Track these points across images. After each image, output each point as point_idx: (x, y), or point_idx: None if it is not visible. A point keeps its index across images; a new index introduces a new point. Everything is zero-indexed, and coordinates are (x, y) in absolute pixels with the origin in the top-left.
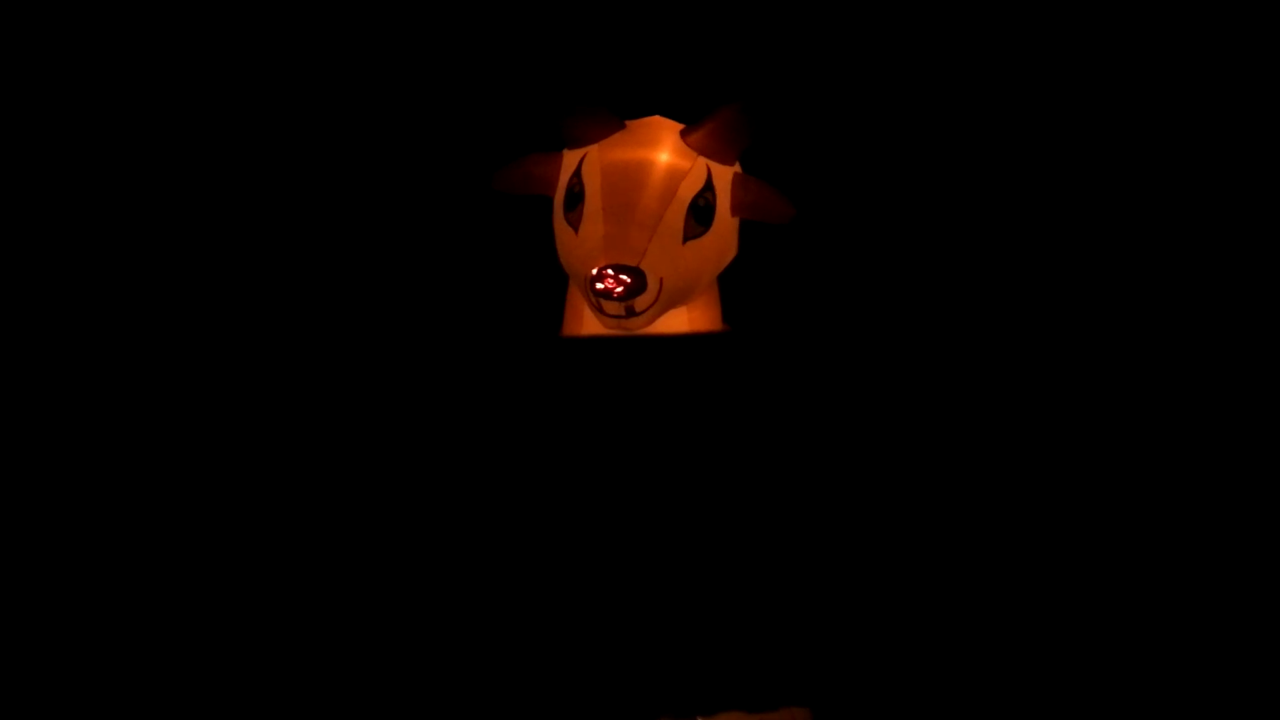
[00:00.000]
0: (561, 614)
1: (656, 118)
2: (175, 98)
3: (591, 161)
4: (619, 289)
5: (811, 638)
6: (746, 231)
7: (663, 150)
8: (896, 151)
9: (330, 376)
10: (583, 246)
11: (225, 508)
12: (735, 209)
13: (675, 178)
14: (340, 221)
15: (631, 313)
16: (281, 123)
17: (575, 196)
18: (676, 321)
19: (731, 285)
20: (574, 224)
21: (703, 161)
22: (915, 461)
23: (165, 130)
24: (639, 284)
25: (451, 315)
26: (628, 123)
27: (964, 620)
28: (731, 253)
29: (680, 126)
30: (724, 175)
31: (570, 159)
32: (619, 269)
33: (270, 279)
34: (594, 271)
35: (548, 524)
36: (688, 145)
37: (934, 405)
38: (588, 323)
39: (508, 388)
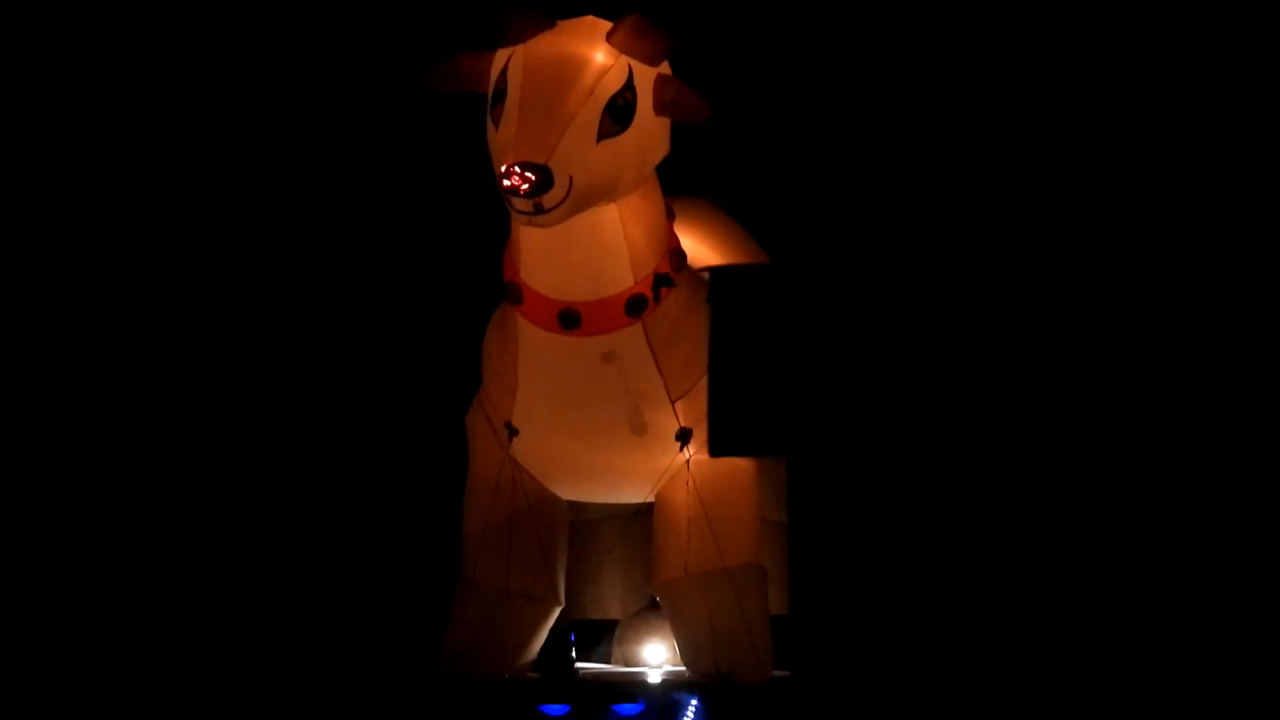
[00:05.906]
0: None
1: (588, 18)
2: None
3: (517, 59)
4: (524, 186)
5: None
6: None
7: (586, 49)
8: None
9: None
10: (499, 144)
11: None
12: (657, 108)
13: (595, 76)
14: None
15: (540, 210)
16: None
17: (499, 94)
18: (605, 219)
19: None
20: (496, 121)
21: (624, 60)
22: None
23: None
24: (545, 181)
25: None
26: (559, 22)
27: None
28: (660, 152)
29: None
30: (647, 75)
31: (500, 57)
32: (525, 166)
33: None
34: (502, 168)
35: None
36: (611, 45)
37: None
38: (525, 251)
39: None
